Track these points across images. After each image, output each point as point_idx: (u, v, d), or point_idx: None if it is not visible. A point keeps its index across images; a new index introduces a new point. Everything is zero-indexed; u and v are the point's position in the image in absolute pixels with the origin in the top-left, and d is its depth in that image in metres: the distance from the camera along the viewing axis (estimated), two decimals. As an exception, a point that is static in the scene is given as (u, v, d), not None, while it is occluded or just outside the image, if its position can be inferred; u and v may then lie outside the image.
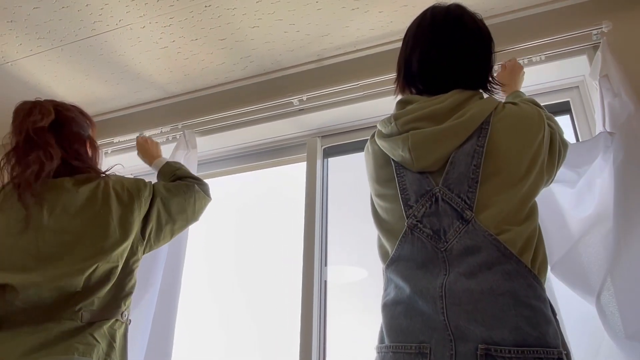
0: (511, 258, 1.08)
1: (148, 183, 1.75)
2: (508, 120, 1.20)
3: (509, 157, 1.17)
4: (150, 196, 1.73)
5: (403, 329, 1.13)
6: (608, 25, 1.80)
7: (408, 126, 1.24)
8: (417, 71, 1.31)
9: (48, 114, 1.64)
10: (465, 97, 1.24)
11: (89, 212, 1.58)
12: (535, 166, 1.18)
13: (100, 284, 1.52)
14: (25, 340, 1.40)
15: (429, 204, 1.18)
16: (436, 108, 1.23)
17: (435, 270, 1.13)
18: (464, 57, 1.27)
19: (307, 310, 2.09)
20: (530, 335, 1.02)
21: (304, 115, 2.33)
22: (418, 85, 1.32)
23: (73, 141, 1.69)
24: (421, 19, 1.36)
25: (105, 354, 1.47)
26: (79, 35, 2.17)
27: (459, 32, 1.28)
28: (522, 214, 1.14)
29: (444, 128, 1.20)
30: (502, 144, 1.17)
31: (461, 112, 1.21)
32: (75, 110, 1.77)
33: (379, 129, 1.34)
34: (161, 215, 1.74)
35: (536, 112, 1.25)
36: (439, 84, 1.28)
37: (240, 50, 2.26)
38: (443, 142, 1.20)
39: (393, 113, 1.30)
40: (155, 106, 2.67)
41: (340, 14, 2.05)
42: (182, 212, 1.81)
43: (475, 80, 1.30)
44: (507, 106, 1.25)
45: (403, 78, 1.36)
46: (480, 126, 1.19)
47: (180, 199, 1.80)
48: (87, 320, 1.48)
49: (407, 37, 1.37)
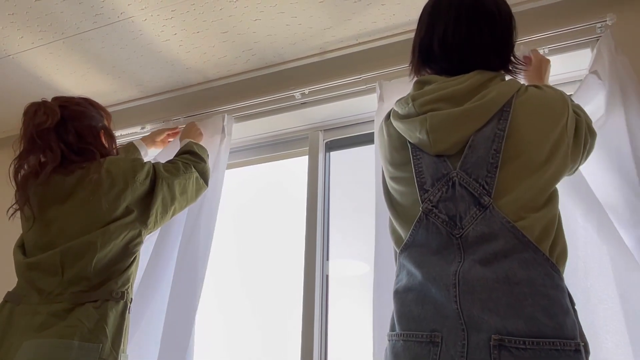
0: (529, 246, 1.05)
1: (147, 164, 1.79)
2: (530, 104, 1.16)
3: (531, 141, 1.13)
4: (149, 178, 1.77)
5: (414, 316, 1.10)
6: (612, 18, 1.78)
7: (426, 107, 1.19)
8: (434, 51, 1.26)
9: (53, 114, 1.69)
10: (486, 78, 1.20)
11: (77, 196, 1.67)
12: (558, 152, 1.14)
13: (75, 259, 1.61)
14: (26, 321, 1.55)
15: (446, 188, 1.14)
16: (456, 89, 1.18)
17: (450, 257, 1.10)
18: (483, 36, 1.23)
19: (308, 305, 2.09)
20: (547, 325, 0.99)
21: (306, 109, 2.32)
22: (435, 65, 1.28)
23: (85, 135, 1.74)
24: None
25: (90, 334, 1.53)
26: (81, 28, 2.17)
27: (477, 11, 1.23)
28: (541, 200, 1.11)
29: (464, 110, 1.15)
30: (524, 128, 1.13)
31: (482, 93, 1.17)
32: (85, 103, 1.81)
33: (395, 109, 1.29)
34: (166, 197, 1.79)
35: (559, 96, 1.21)
36: (458, 65, 1.23)
37: (242, 43, 2.25)
38: (462, 124, 1.15)
39: (410, 93, 1.26)
40: (157, 99, 2.67)
41: (343, 7, 2.03)
42: (184, 192, 1.86)
43: (495, 60, 1.25)
44: (529, 89, 1.20)
45: (418, 58, 1.31)
46: (501, 109, 1.15)
47: (181, 180, 1.85)
48: (75, 301, 1.57)
49: (423, 16, 1.32)
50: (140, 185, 1.73)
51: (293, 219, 2.34)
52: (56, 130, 1.69)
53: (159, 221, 1.79)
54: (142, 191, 1.73)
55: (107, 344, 1.55)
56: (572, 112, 1.21)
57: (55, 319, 1.54)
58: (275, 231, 2.46)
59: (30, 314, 1.57)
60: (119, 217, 1.68)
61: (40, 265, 1.62)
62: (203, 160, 2.01)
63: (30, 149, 1.69)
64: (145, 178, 1.75)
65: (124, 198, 1.69)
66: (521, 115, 1.15)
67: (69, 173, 1.69)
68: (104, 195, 1.66)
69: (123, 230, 1.68)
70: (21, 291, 1.64)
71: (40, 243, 1.67)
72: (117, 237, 1.66)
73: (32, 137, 1.67)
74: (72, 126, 1.72)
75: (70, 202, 1.67)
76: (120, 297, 1.62)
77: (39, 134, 1.66)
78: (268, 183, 2.62)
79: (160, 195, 1.76)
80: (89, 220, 1.65)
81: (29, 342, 1.50)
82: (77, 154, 1.71)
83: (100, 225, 1.65)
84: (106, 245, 1.63)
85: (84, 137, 1.74)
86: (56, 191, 1.69)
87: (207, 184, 1.99)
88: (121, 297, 1.63)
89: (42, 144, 1.67)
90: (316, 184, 2.29)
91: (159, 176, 1.78)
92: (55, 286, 1.59)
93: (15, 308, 1.60)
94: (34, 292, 1.61)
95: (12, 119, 2.75)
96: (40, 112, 1.68)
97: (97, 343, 1.52)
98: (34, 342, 1.50)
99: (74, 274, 1.60)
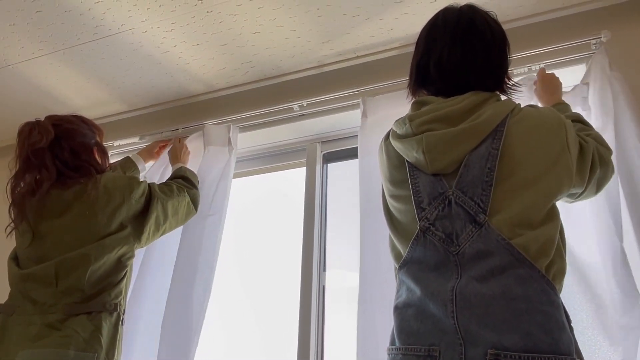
0: (524, 262, 1.06)
1: (143, 183, 1.84)
2: (524, 123, 1.18)
3: (524, 160, 1.14)
4: (144, 196, 1.82)
5: (413, 331, 1.12)
6: (607, 34, 1.81)
7: (423, 127, 1.22)
8: (431, 74, 1.29)
9: (47, 133, 1.74)
10: (481, 99, 1.22)
11: (73, 211, 1.70)
12: (554, 167, 1.15)
13: (69, 271, 1.63)
14: (20, 332, 1.57)
15: (442, 206, 1.17)
16: (451, 110, 1.21)
17: (448, 273, 1.12)
18: (477, 59, 1.25)
19: (305, 315, 2.09)
20: (543, 341, 1.00)
21: (304, 121, 2.34)
22: (432, 87, 1.30)
23: (80, 152, 1.78)
24: (434, 21, 1.34)
25: (85, 344, 1.56)
26: (81, 39, 2.18)
27: (471, 34, 1.26)
28: (537, 218, 1.12)
29: (459, 130, 1.18)
30: (518, 147, 1.15)
31: (477, 114, 1.19)
32: (78, 120, 1.85)
33: (393, 129, 1.32)
34: (159, 216, 1.84)
35: (555, 117, 1.22)
36: (454, 86, 1.26)
37: (241, 55, 2.27)
38: (457, 144, 1.18)
39: (408, 114, 1.29)
40: (156, 110, 2.68)
41: (341, 21, 2.05)
42: (175, 214, 1.92)
43: (490, 82, 1.27)
44: (525, 109, 1.23)
45: (415, 81, 1.34)
46: (495, 128, 1.17)
47: (174, 201, 1.92)
48: (69, 312, 1.60)
49: (419, 41, 1.35)
50: (135, 203, 1.77)
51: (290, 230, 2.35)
52: (51, 149, 1.73)
53: (151, 238, 1.84)
54: (137, 209, 1.78)
55: (102, 353, 1.58)
56: (575, 135, 1.22)
57: (50, 330, 1.56)
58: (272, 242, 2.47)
59: (24, 325, 1.58)
60: (114, 232, 1.72)
61: (35, 276, 1.64)
62: (194, 187, 2.09)
63: (26, 168, 1.73)
64: (141, 196, 1.80)
65: (120, 214, 1.73)
66: (515, 134, 1.17)
67: (66, 188, 1.73)
68: (101, 210, 1.70)
69: (117, 244, 1.71)
70: (15, 302, 1.65)
71: (34, 255, 1.69)
72: (111, 251, 1.69)
73: (27, 156, 1.71)
74: (67, 144, 1.76)
75: (66, 216, 1.70)
76: (113, 308, 1.66)
77: (34, 153, 1.71)
78: (266, 194, 2.63)
79: (155, 214, 1.82)
80: (85, 234, 1.68)
81: (25, 352, 1.52)
82: (73, 171, 1.76)
83: (95, 239, 1.68)
84: (100, 258, 1.66)
85: (78, 154, 1.78)
86: (53, 205, 1.72)
87: (196, 210, 2.06)
88: (114, 309, 1.66)
89: (37, 163, 1.71)
90: (313, 195, 2.30)
91: (154, 195, 1.84)
92: (49, 297, 1.61)
93: (8, 319, 1.62)
94: (28, 303, 1.63)
95: (12, 128, 2.74)
96: (34, 132, 1.72)
97: (92, 352, 1.55)
98: (29, 352, 1.52)
99: (68, 285, 1.62)
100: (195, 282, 2.06)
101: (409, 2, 1.95)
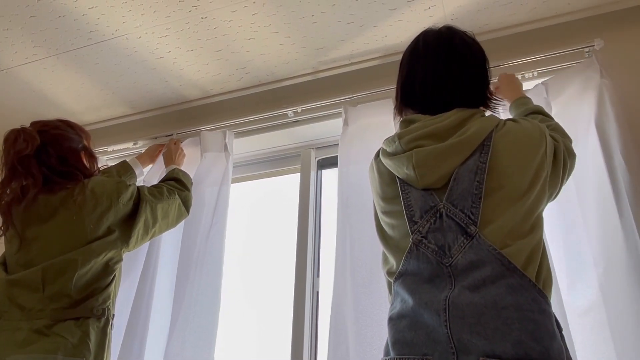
0: (515, 272, 1.09)
1: (131, 186, 1.83)
2: (509, 137, 1.22)
3: (511, 173, 1.18)
4: (132, 199, 1.81)
5: (407, 341, 1.13)
6: (600, 42, 1.82)
7: (412, 144, 1.26)
8: (416, 93, 1.34)
9: (32, 140, 1.73)
10: (466, 115, 1.26)
11: (60, 216, 1.70)
12: (538, 181, 1.20)
13: (56, 276, 1.63)
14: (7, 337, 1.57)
15: (434, 219, 1.20)
16: (439, 126, 1.25)
17: (441, 284, 1.14)
18: (459, 78, 1.30)
19: (298, 321, 2.09)
20: (534, 349, 1.01)
21: (299, 127, 2.34)
22: (418, 106, 1.35)
23: (67, 157, 1.77)
24: (414, 45, 1.39)
25: (74, 349, 1.56)
26: (75, 45, 2.18)
27: (450, 56, 1.31)
28: (525, 227, 1.16)
29: (447, 145, 1.22)
30: (504, 160, 1.19)
31: (463, 129, 1.23)
32: (64, 125, 1.84)
33: (383, 147, 1.36)
34: (148, 219, 1.83)
35: (536, 128, 1.27)
36: (439, 104, 1.30)
37: (236, 61, 2.28)
38: (446, 159, 1.22)
39: (397, 132, 1.33)
40: (150, 115, 2.68)
41: (336, 28, 2.06)
42: (165, 217, 1.91)
43: (472, 99, 1.32)
44: (507, 123, 1.27)
45: (401, 101, 1.39)
46: (482, 143, 1.21)
47: (164, 204, 1.90)
48: (57, 318, 1.59)
49: (403, 63, 1.40)
50: (123, 207, 1.76)
51: (284, 236, 2.35)
52: (37, 155, 1.72)
53: (140, 242, 1.83)
54: (124, 212, 1.77)
55: (91, 359, 1.57)
56: (550, 140, 1.27)
57: (38, 335, 1.55)
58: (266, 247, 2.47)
59: (11, 330, 1.58)
60: (101, 236, 1.71)
61: (22, 282, 1.64)
62: (187, 189, 2.07)
63: (12, 176, 1.73)
64: (129, 200, 1.79)
65: (107, 218, 1.72)
66: (501, 148, 1.21)
67: (53, 193, 1.72)
68: (88, 215, 1.69)
69: (104, 248, 1.70)
70: (2, 308, 1.64)
71: (22, 261, 1.68)
72: (99, 255, 1.69)
73: (13, 164, 1.71)
74: (53, 150, 1.75)
75: (53, 222, 1.70)
76: (101, 314, 1.65)
77: (19, 160, 1.70)
78: (260, 199, 2.63)
79: (143, 217, 1.80)
80: (71, 239, 1.67)
81: (13, 358, 1.51)
82: (61, 176, 1.75)
83: (82, 244, 1.67)
84: (87, 262, 1.65)
85: (66, 160, 1.77)
86: (40, 211, 1.71)
87: (188, 212, 2.04)
88: (102, 314, 1.66)
89: (23, 170, 1.71)
90: (307, 201, 2.30)
91: (142, 199, 1.82)
92: (36, 302, 1.60)
93: None
94: (15, 308, 1.62)
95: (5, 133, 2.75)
96: (20, 140, 1.71)
97: (80, 358, 1.55)
98: (17, 358, 1.51)
99: (55, 290, 1.61)
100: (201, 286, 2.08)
101: (403, 9, 1.97)
